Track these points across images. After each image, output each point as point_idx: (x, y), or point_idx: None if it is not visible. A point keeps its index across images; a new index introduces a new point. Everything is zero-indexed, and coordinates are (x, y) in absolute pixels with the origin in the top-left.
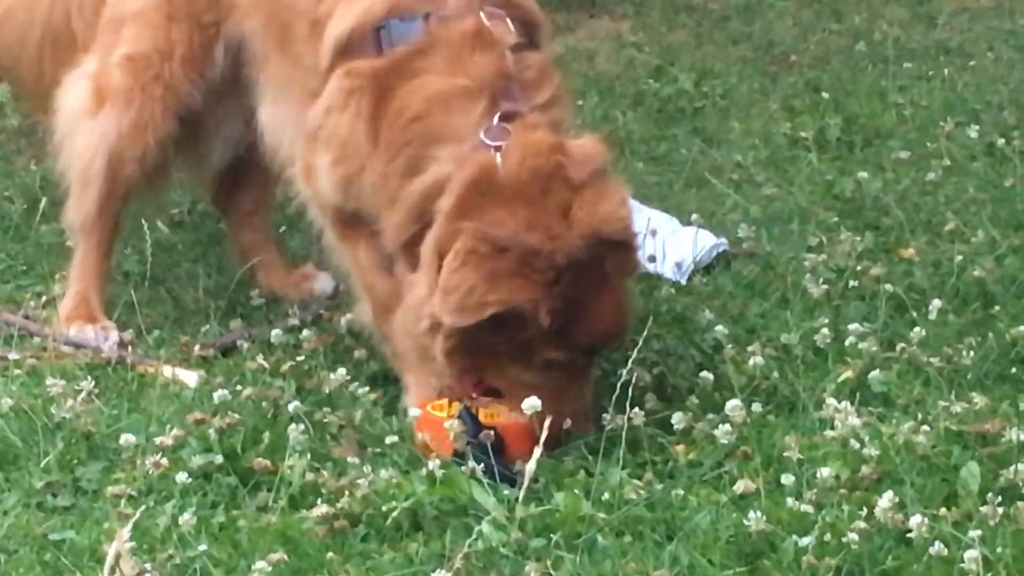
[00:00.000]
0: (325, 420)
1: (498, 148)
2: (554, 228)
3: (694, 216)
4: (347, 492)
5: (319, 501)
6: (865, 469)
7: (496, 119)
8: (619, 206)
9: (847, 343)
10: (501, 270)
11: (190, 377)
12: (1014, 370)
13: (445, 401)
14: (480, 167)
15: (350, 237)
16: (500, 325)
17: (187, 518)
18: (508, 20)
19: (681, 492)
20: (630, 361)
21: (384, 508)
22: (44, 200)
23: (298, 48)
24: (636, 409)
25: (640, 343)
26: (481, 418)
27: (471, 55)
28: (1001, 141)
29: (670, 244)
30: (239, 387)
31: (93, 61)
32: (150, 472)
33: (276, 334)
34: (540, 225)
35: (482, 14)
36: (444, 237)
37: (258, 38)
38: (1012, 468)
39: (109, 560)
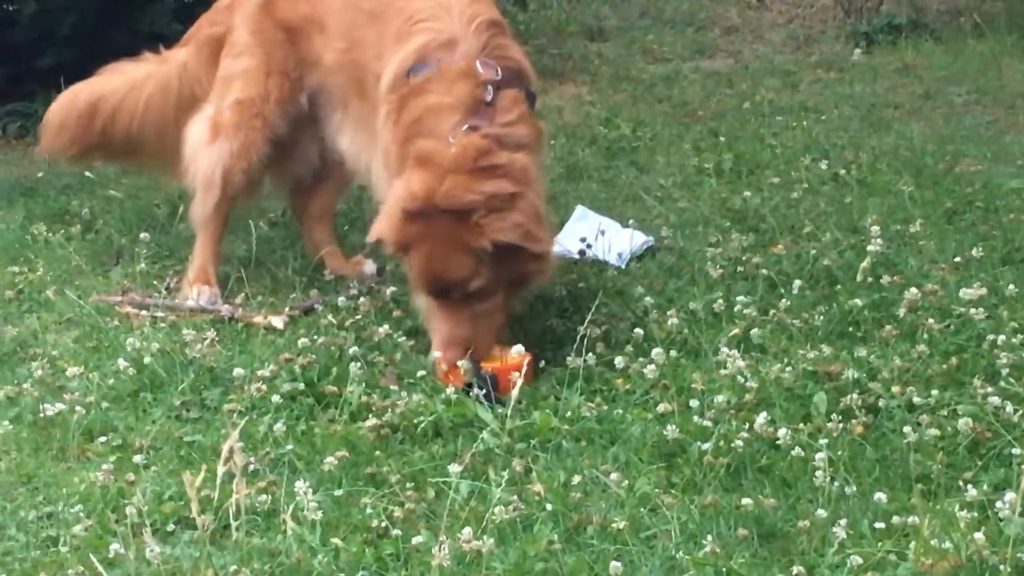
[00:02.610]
0: (375, 360)
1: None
2: (422, 192)
3: (631, 221)
4: (390, 409)
5: (370, 416)
6: (747, 397)
7: (464, 128)
8: (470, 191)
9: (735, 309)
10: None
11: (278, 320)
12: (850, 329)
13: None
14: (433, 149)
15: None
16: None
17: (279, 427)
18: (498, 67)
19: (620, 411)
20: (586, 321)
21: (415, 421)
22: (182, 206)
23: (371, 95)
24: (590, 354)
25: (593, 308)
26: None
27: (457, 84)
28: (843, 171)
29: (614, 240)
30: (315, 336)
31: (210, 107)
32: (254, 395)
33: (341, 300)
34: (429, 187)
35: (477, 62)
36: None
37: (340, 89)
38: (848, 396)
39: (224, 454)
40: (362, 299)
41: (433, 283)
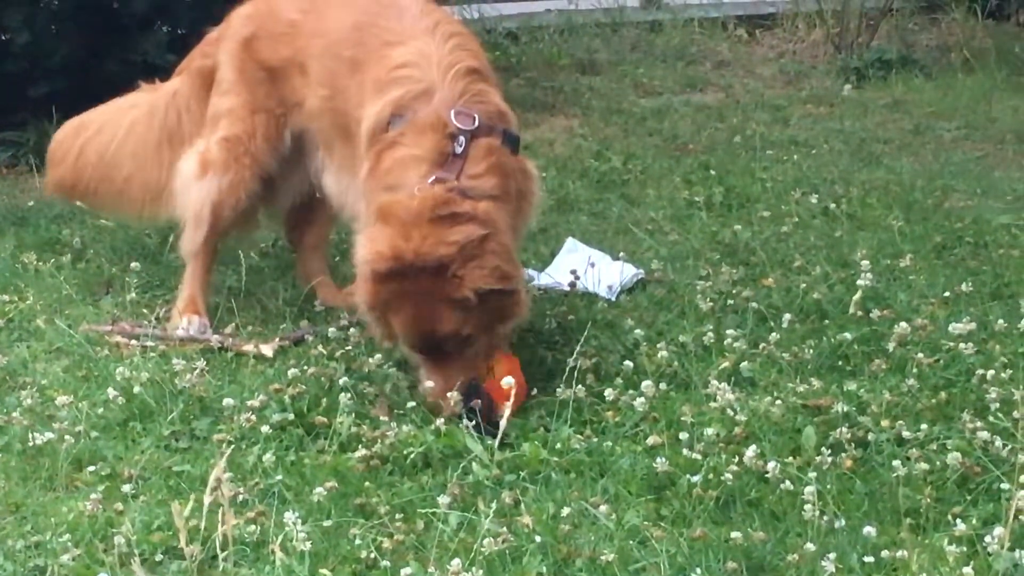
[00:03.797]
0: (365, 390)
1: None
2: (390, 252)
3: (621, 254)
4: (379, 440)
5: (360, 446)
6: (737, 430)
7: (430, 180)
8: (441, 244)
9: (725, 342)
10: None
11: (268, 349)
12: (840, 363)
13: None
14: (393, 203)
15: None
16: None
17: (268, 457)
18: (476, 115)
19: (610, 444)
20: (576, 353)
21: (404, 452)
22: (172, 236)
23: (354, 138)
24: (579, 386)
25: (582, 340)
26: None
27: (426, 137)
28: (833, 206)
29: (604, 273)
30: (305, 367)
31: (201, 143)
32: (243, 425)
33: (331, 331)
34: (397, 245)
35: (451, 112)
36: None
37: (323, 132)
38: (838, 430)
39: (211, 484)
40: (352, 330)
41: (423, 341)
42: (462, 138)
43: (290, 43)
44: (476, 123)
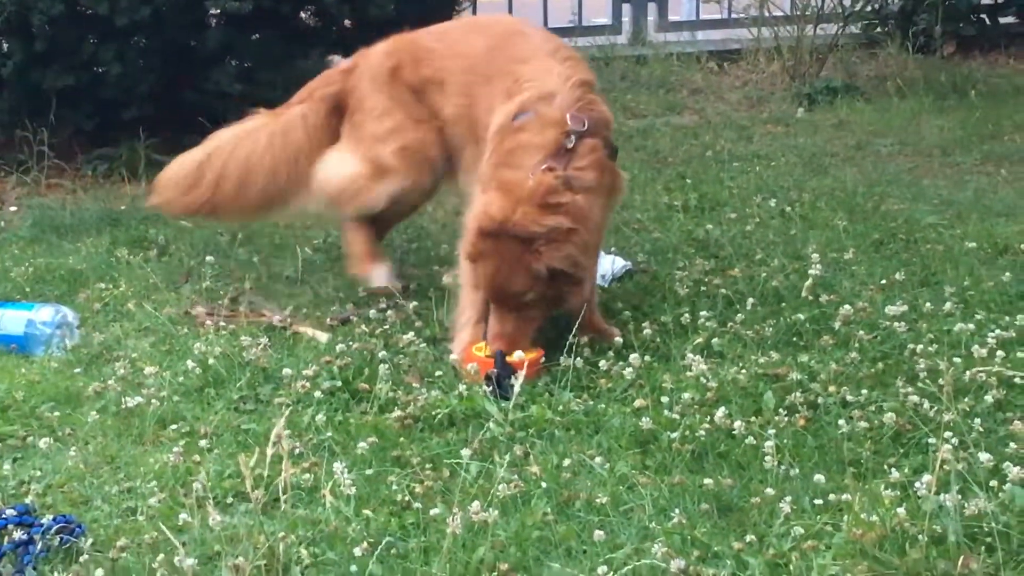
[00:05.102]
0: (400, 362)
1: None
2: (498, 216)
3: (612, 248)
4: (412, 403)
5: (396, 408)
6: (709, 394)
7: (544, 167)
8: (535, 223)
9: (699, 322)
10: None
11: (322, 336)
12: (794, 339)
13: (482, 344)
14: (513, 179)
15: None
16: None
17: (320, 417)
18: (586, 119)
19: (603, 406)
20: (575, 330)
21: (433, 413)
22: (240, 233)
23: (482, 141)
24: (578, 358)
25: (580, 320)
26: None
27: (548, 130)
28: (788, 208)
29: (599, 265)
30: (351, 342)
31: (354, 153)
32: (299, 390)
33: (372, 313)
34: (505, 213)
35: (568, 114)
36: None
37: (458, 136)
38: (793, 395)
39: (272, 439)
40: (389, 312)
41: (495, 292)
42: (573, 136)
43: (429, 65)
44: (585, 125)
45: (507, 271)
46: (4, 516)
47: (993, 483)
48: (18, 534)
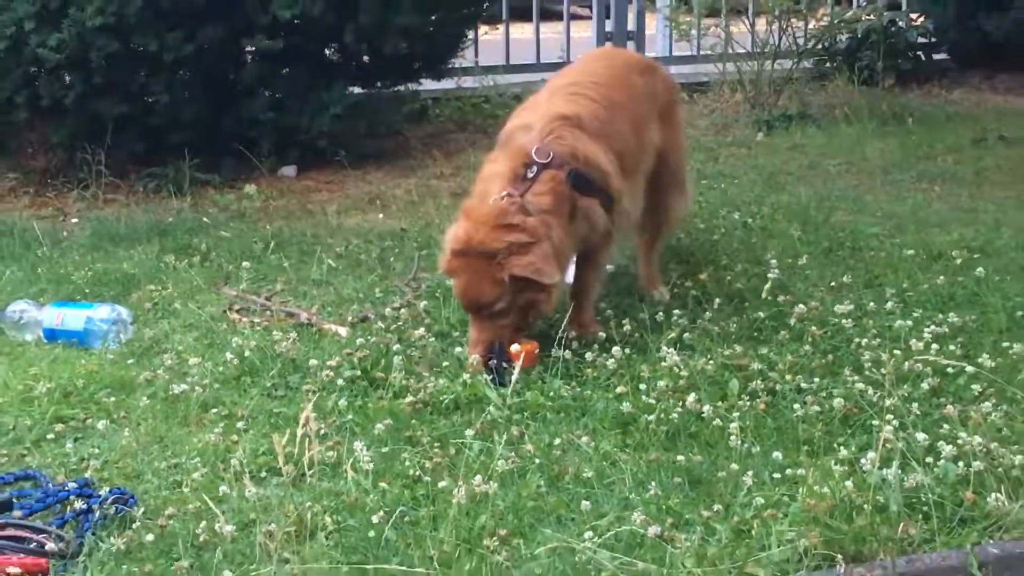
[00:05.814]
0: (412, 354)
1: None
2: (463, 238)
3: None
4: (423, 390)
5: (408, 394)
6: (681, 382)
7: (504, 194)
8: (496, 240)
9: (672, 319)
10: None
11: (343, 330)
12: (755, 334)
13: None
14: (473, 206)
15: None
16: None
17: (342, 402)
18: (552, 151)
19: (589, 392)
20: (564, 325)
21: (441, 398)
22: (272, 242)
23: None
24: (567, 350)
25: (568, 316)
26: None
27: (512, 160)
28: (750, 220)
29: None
30: (369, 337)
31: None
32: (324, 379)
33: (387, 311)
34: (469, 235)
35: (534, 147)
36: None
37: None
38: (754, 382)
39: (301, 421)
40: (403, 311)
41: (469, 302)
42: (535, 166)
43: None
44: (550, 157)
45: (477, 283)
46: (66, 488)
47: (929, 459)
48: (79, 504)
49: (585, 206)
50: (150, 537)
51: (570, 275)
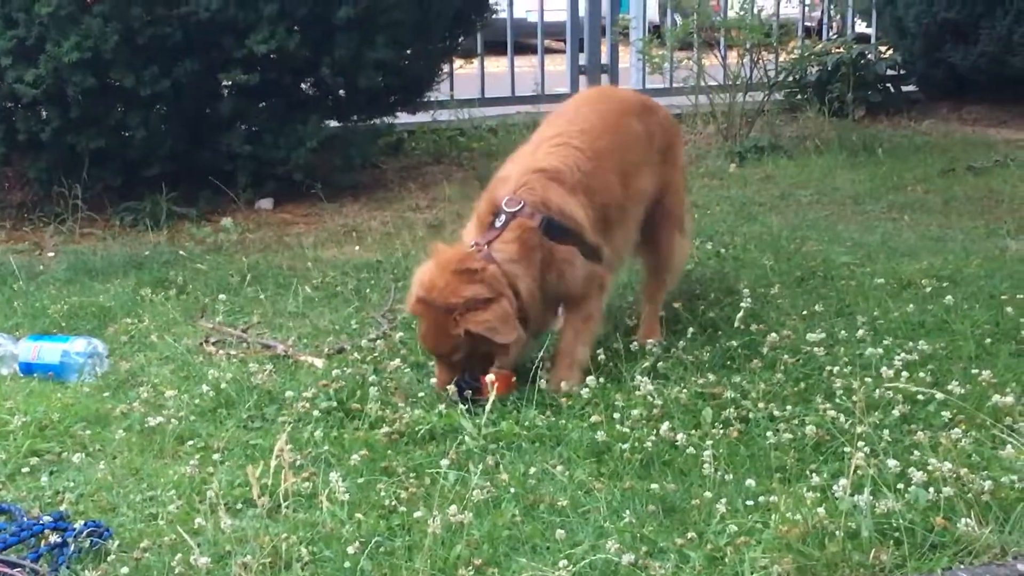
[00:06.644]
0: (388, 385)
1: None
2: (427, 284)
3: None
4: (398, 420)
5: (384, 425)
6: (655, 411)
7: (473, 242)
8: (454, 295)
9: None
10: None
11: (319, 362)
12: (728, 362)
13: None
14: (440, 250)
15: None
16: None
17: (318, 433)
18: (524, 202)
19: (564, 421)
20: (539, 356)
21: (416, 428)
22: (248, 275)
23: None
24: (542, 379)
25: (544, 346)
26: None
27: (484, 211)
28: (723, 250)
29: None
30: (345, 368)
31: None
32: (300, 410)
33: (363, 343)
34: (433, 282)
35: (506, 197)
36: None
37: None
38: (727, 410)
39: (276, 453)
40: (379, 342)
41: (428, 348)
42: (504, 216)
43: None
44: (520, 207)
45: (435, 333)
46: (41, 522)
47: (900, 486)
48: (54, 537)
49: (562, 255)
50: (125, 570)
51: (559, 323)
